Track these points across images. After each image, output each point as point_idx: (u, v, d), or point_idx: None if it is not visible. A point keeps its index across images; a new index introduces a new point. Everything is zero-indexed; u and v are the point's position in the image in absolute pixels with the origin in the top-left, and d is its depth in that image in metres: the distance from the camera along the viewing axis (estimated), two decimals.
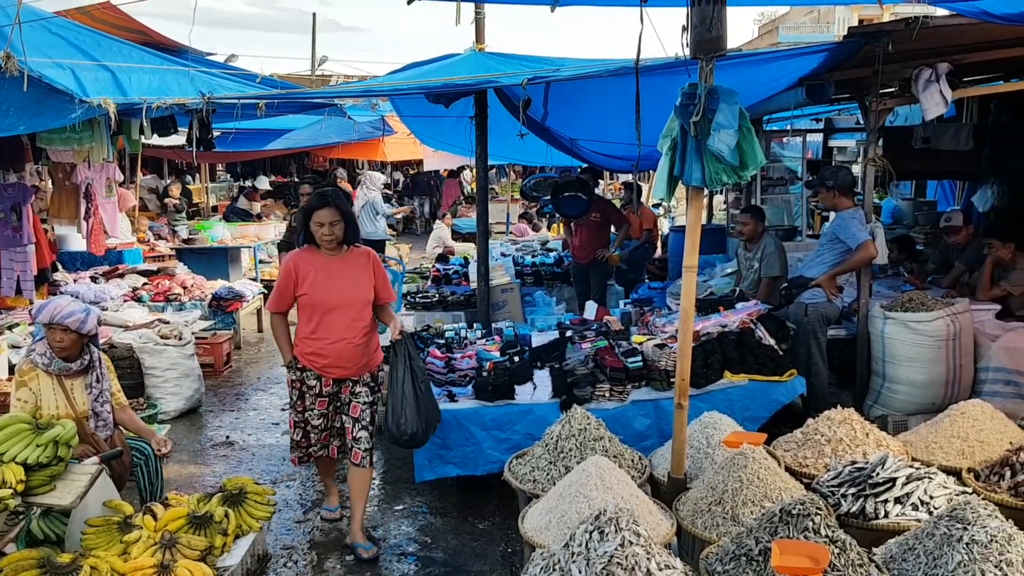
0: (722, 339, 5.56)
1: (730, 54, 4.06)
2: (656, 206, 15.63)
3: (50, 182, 9.51)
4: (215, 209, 18.07)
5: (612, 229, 9.70)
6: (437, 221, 16.79)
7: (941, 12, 4.99)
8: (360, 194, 12.57)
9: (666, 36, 4.28)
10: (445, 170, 21.86)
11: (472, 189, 22.09)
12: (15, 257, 8.36)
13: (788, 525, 3.21)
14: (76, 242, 10.49)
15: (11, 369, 6.95)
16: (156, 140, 8.93)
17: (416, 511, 5.37)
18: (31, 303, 8.46)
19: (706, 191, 4.33)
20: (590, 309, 7.16)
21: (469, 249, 14.43)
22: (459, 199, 22.66)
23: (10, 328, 7.49)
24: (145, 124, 6.97)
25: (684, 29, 3.76)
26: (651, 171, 13.62)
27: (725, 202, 12.38)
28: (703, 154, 3.71)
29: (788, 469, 4.25)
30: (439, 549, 4.88)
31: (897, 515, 3.67)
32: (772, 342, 5.59)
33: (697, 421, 4.71)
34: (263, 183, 18.21)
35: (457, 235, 17.99)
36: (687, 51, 3.80)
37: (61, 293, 8.73)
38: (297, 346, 4.73)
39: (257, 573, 4.30)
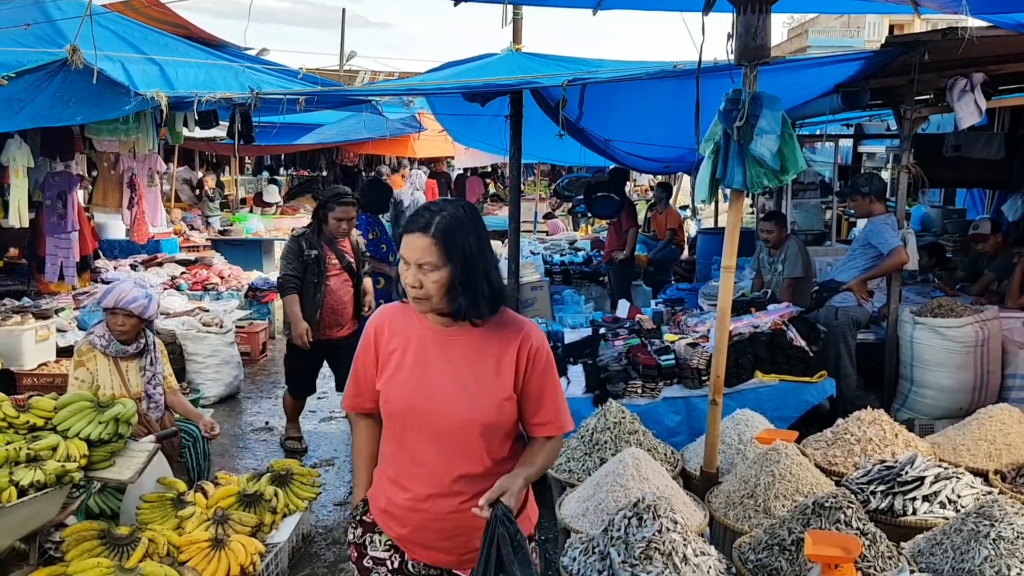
0: (754, 339, 5.67)
1: (772, 61, 4.18)
2: (684, 207, 15.72)
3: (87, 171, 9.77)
4: (243, 202, 18.32)
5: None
6: None
7: (977, 23, 5.07)
8: (407, 193, 12.71)
9: (706, 41, 4.37)
10: (466, 168, 21.99)
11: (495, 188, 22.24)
12: (59, 244, 8.58)
13: (820, 517, 3.33)
14: (116, 230, 10.73)
15: (58, 351, 7.19)
16: (196, 132, 9.15)
17: None
18: (73, 289, 8.71)
19: (748, 194, 4.44)
20: (623, 307, 7.29)
21: (496, 246, 14.59)
22: (482, 197, 22.79)
23: (57, 312, 7.71)
24: (192, 117, 7.15)
25: (729, 36, 3.89)
26: (681, 173, 13.73)
27: (752, 206, 12.46)
28: (745, 158, 3.83)
29: (818, 467, 4.36)
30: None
31: (925, 512, 3.78)
32: (803, 344, 5.69)
33: (730, 418, 4.82)
34: (272, 194, 17.73)
35: None
36: (731, 57, 3.92)
37: (103, 280, 8.98)
38: (374, 484, 2.62)
39: (302, 551, 4.48)
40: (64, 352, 7.14)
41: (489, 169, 22.76)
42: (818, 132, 11.48)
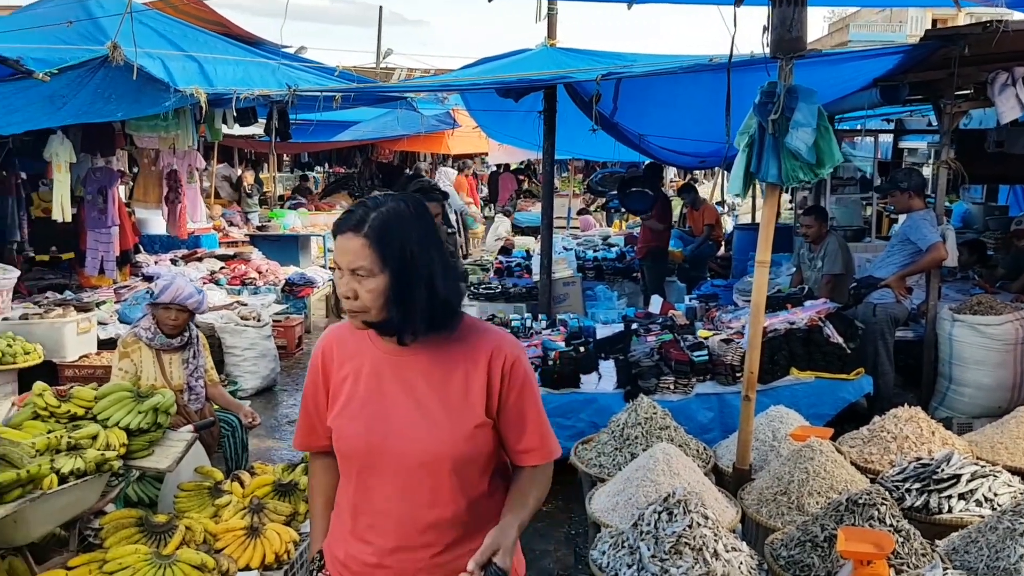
0: (789, 336, 5.62)
1: (808, 54, 4.14)
2: (720, 203, 15.61)
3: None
4: (281, 199, 18.53)
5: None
6: (498, 215, 17.00)
7: (1019, 16, 4.98)
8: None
9: (739, 33, 4.34)
10: (499, 164, 22.02)
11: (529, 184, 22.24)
12: (100, 238, 8.75)
13: (854, 514, 3.30)
14: (157, 225, 10.92)
15: (99, 343, 7.34)
16: (236, 130, 9.28)
17: None
18: (114, 282, 8.88)
19: (785, 189, 4.40)
20: (655, 303, 7.26)
21: (529, 242, 14.60)
22: (515, 193, 22.81)
23: (98, 305, 7.86)
24: (231, 113, 7.24)
25: (765, 29, 3.86)
26: (715, 168, 13.64)
27: (791, 201, 12.34)
28: (780, 151, 3.80)
29: (853, 464, 4.31)
30: None
31: (961, 511, 3.72)
32: (840, 340, 5.63)
33: (764, 415, 4.79)
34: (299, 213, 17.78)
35: (517, 229, 18.18)
36: (767, 50, 3.89)
37: (143, 275, 9.14)
38: (331, 533, 2.25)
39: None
40: (105, 344, 7.29)
41: (523, 165, 22.75)
42: (858, 127, 11.33)
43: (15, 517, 3.10)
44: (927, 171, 11.77)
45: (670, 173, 19.71)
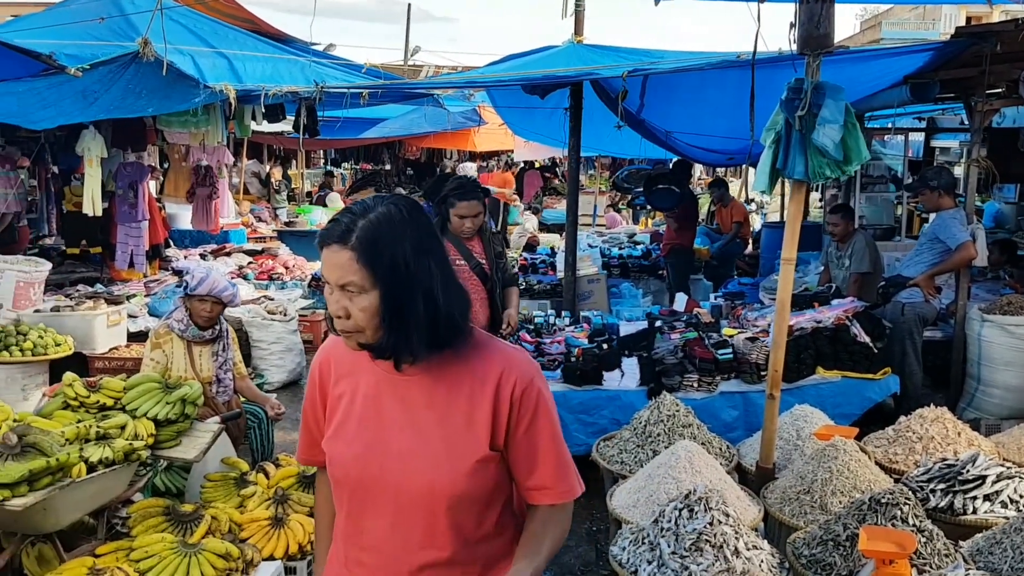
0: (816, 335, 5.57)
1: (836, 50, 4.11)
2: (749, 201, 15.50)
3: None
4: (309, 195, 18.68)
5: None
6: (524, 211, 17.02)
7: None
8: None
9: (767, 30, 4.32)
10: (525, 162, 22.02)
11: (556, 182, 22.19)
12: (130, 232, 8.86)
13: (876, 513, 3.27)
14: (187, 220, 11.05)
15: (129, 336, 7.44)
16: (265, 126, 9.37)
17: None
18: (144, 276, 8.99)
19: (812, 185, 4.37)
20: (680, 301, 7.24)
21: (554, 239, 14.59)
22: (540, 191, 22.79)
23: (128, 298, 7.98)
24: (259, 110, 7.31)
25: (792, 25, 3.83)
26: (743, 166, 13.55)
27: (821, 199, 12.23)
28: (807, 148, 3.78)
29: (878, 464, 4.28)
30: None
31: (985, 512, 3.68)
32: (867, 340, 5.58)
33: (788, 413, 4.76)
34: (335, 201, 17.70)
35: (543, 226, 18.17)
36: (794, 46, 3.87)
37: (173, 269, 9.25)
38: (328, 563, 2.05)
39: None
40: (134, 337, 7.39)
41: (548, 163, 22.73)
42: (888, 125, 11.20)
43: (45, 505, 3.16)
44: (959, 170, 11.63)
45: (697, 171, 19.65)
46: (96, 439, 3.51)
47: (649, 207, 13.88)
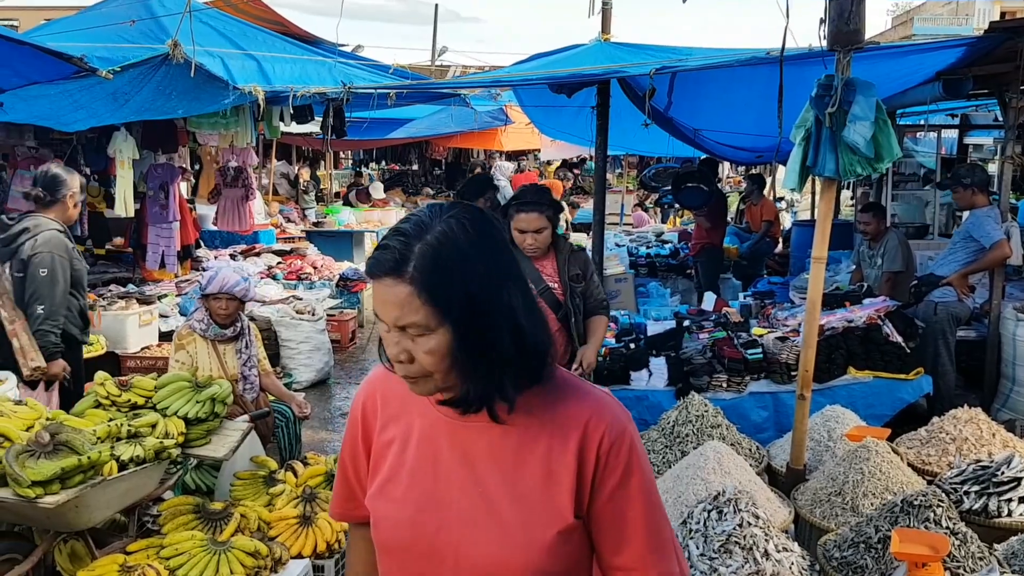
0: (847, 334, 5.51)
1: (866, 46, 4.05)
2: (780, 199, 15.36)
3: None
4: (337, 195, 18.78)
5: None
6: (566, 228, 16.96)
7: None
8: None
9: (796, 26, 4.28)
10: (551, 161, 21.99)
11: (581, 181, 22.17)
12: (161, 233, 8.94)
13: (909, 515, 3.23)
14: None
15: (160, 335, 7.53)
16: (293, 127, 9.43)
17: None
18: (176, 276, 9.08)
19: (843, 183, 4.32)
20: (709, 300, 7.19)
21: (581, 239, 14.55)
22: (567, 190, 22.74)
23: (159, 299, 8.06)
24: (288, 111, 7.36)
25: (822, 21, 3.79)
26: (776, 163, 13.43)
27: (852, 198, 12.09)
28: (837, 145, 3.73)
29: (910, 466, 4.22)
30: None
31: (1021, 514, 3.62)
32: (899, 339, 5.51)
33: (819, 414, 4.71)
34: (378, 190, 17.74)
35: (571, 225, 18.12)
36: (824, 42, 3.82)
37: (203, 269, 9.34)
38: None
39: None
40: (166, 336, 7.47)
41: (579, 160, 22.68)
42: (920, 122, 11.04)
43: (76, 502, 3.19)
44: (993, 168, 11.43)
45: (725, 169, 19.51)
46: (127, 437, 3.55)
47: (678, 206, 13.80)
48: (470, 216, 1.44)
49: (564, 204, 13.39)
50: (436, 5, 30.52)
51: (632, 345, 5.85)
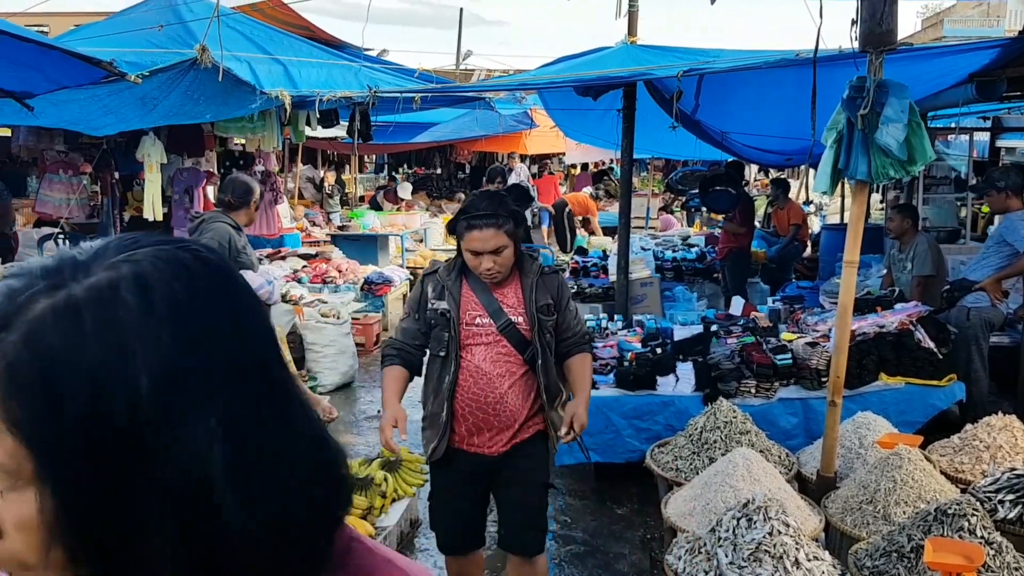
0: (879, 340, 5.43)
1: (899, 47, 3.99)
2: (807, 202, 15.22)
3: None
4: (362, 199, 18.85)
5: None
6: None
7: None
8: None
9: (827, 27, 4.22)
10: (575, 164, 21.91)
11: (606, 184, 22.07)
12: (186, 236, 9.03)
13: (942, 524, 3.16)
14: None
15: None
16: (319, 131, 9.48)
17: (554, 492, 5.51)
18: None
19: (874, 186, 4.26)
20: (737, 304, 7.12)
21: (606, 243, 14.49)
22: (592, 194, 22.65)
23: None
24: (314, 115, 7.40)
25: (853, 23, 3.74)
26: (805, 166, 13.32)
27: (882, 201, 11.96)
28: (870, 148, 3.67)
29: (943, 473, 4.14)
30: (578, 529, 5.00)
31: None
32: (932, 345, 5.42)
33: (850, 421, 4.64)
34: (405, 191, 17.76)
35: None
36: (855, 44, 3.77)
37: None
38: None
39: (410, 536, 4.56)
40: None
41: (604, 165, 22.61)
42: (952, 125, 10.90)
43: None
44: None
45: (752, 171, 19.38)
46: None
47: (705, 209, 13.71)
48: (164, 258, 0.74)
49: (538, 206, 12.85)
50: (461, 9, 30.64)
51: (659, 350, 5.80)
